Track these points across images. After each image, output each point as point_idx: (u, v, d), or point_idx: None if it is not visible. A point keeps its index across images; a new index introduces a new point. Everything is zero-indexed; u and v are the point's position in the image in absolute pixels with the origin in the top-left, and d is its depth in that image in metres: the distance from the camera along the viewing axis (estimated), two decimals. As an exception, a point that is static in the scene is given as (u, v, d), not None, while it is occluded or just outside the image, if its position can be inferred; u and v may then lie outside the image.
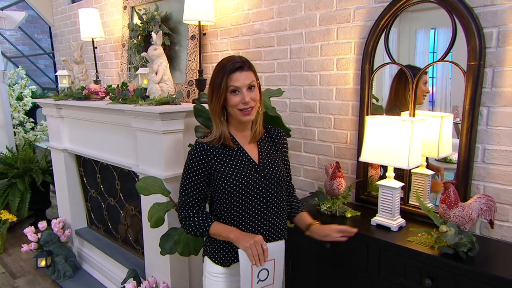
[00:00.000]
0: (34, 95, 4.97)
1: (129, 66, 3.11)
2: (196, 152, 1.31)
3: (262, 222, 1.34)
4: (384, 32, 1.71)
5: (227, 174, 1.29)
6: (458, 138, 1.55)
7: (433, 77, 1.68)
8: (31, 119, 4.73)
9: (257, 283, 1.26)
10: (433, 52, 1.63)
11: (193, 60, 2.57)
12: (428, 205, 1.67)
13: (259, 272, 1.25)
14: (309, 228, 1.43)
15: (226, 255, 1.36)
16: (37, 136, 4.67)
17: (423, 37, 1.68)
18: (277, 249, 1.30)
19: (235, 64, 1.25)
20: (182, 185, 1.36)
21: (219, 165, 1.31)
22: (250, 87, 1.27)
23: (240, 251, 1.24)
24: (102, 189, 2.91)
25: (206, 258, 1.43)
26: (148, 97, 2.24)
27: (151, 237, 2.19)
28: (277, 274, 1.30)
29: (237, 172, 1.30)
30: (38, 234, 3.00)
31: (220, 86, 1.25)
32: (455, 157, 1.60)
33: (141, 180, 1.83)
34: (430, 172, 1.68)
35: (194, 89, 2.55)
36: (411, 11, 1.65)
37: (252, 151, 1.37)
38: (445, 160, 1.69)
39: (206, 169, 1.31)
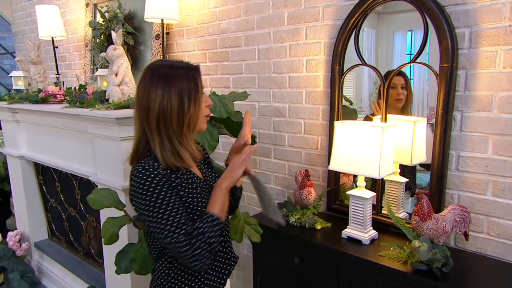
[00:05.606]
0: (-1, 97, 4.67)
1: (92, 67, 2.93)
2: (159, 179, 1.00)
3: (224, 241, 1.19)
4: (354, 32, 1.61)
5: (190, 202, 1.06)
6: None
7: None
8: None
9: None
10: (410, 54, 1.58)
11: (157, 61, 2.42)
12: (401, 214, 1.58)
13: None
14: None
15: None
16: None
17: (400, 39, 1.63)
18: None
19: (191, 64, 1.08)
20: (163, 220, 0.99)
21: (180, 192, 1.06)
22: None
23: (251, 178, 1.13)
24: (62, 198, 2.71)
25: None
26: (107, 100, 2.08)
27: (111, 251, 2.02)
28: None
29: (197, 196, 1.08)
30: (-10, 249, 2.77)
31: (198, 88, 1.03)
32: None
33: (93, 192, 1.66)
34: (404, 180, 1.59)
35: (159, 92, 2.40)
36: (389, 13, 1.60)
37: (195, 169, 1.16)
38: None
39: (175, 191, 1.04)
